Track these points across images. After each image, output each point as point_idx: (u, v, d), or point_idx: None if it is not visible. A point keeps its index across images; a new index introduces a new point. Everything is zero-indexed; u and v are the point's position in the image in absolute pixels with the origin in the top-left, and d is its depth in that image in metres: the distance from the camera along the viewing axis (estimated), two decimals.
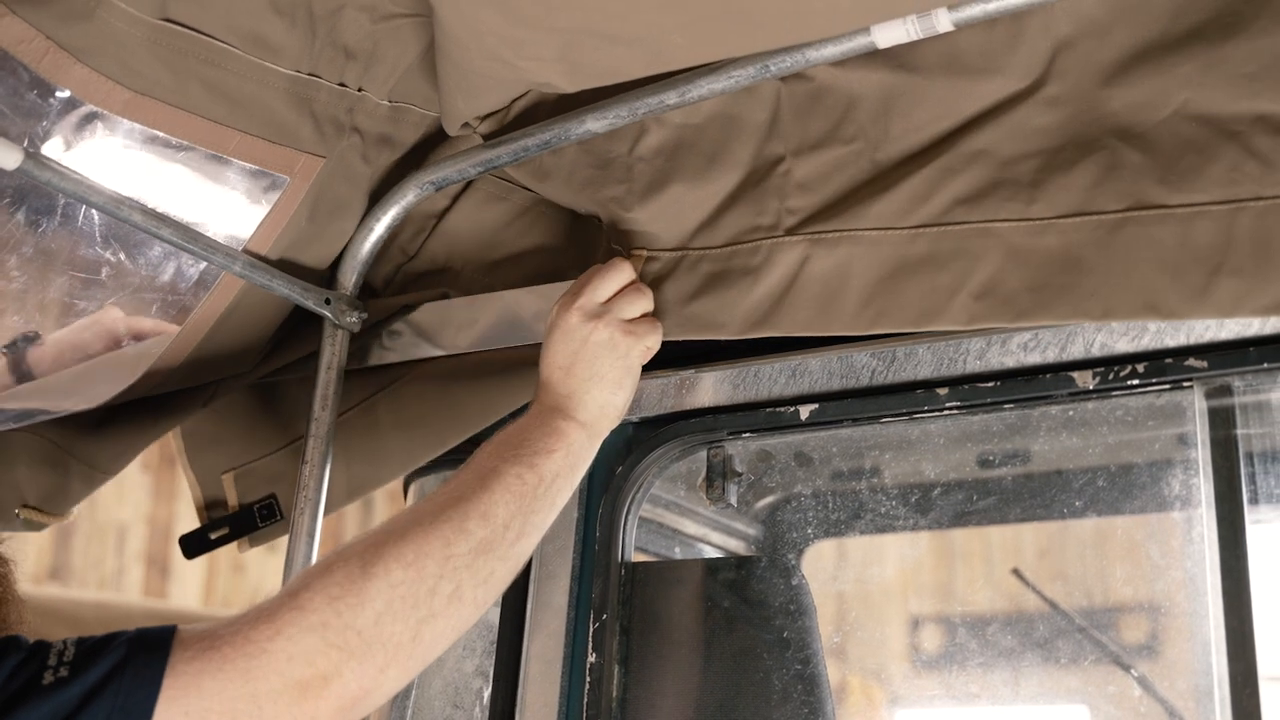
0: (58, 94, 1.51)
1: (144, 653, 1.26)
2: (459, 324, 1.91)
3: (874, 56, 1.60)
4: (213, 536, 2.10)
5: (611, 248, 1.78)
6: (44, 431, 2.05)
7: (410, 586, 1.35)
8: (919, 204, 1.57)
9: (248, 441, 2.10)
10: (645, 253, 1.73)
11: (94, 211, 1.64)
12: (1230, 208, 1.40)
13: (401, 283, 1.98)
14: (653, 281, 1.72)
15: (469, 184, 1.94)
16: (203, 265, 1.75)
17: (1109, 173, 1.47)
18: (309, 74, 1.64)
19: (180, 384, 1.94)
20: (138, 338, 1.83)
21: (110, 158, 1.59)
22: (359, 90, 1.69)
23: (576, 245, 1.94)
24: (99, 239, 1.68)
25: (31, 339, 1.81)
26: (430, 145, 1.85)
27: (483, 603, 1.43)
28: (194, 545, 2.12)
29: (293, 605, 1.31)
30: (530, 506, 1.48)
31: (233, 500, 2.10)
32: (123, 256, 1.72)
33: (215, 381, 2.00)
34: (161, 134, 1.58)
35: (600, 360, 1.58)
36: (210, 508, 2.13)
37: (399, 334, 1.95)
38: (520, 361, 1.86)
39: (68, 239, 1.67)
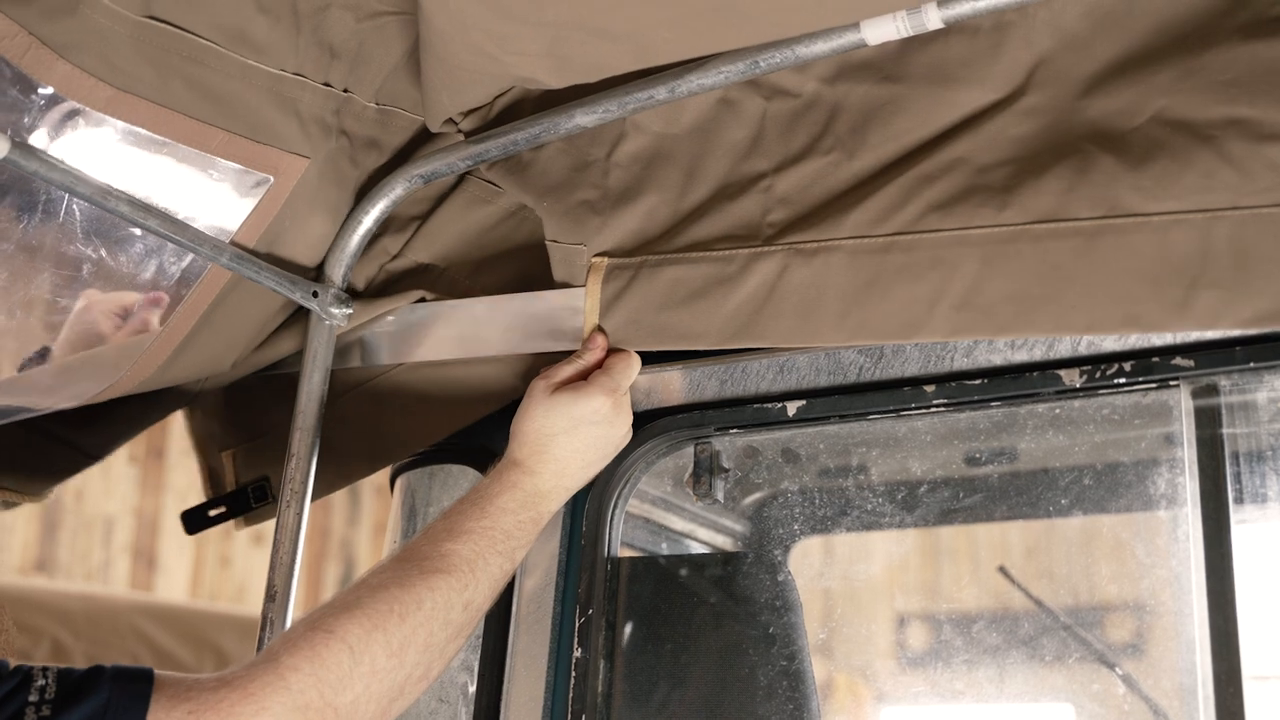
0: (40, 90, 1.50)
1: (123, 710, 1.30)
2: (434, 334, 1.91)
3: (863, 67, 1.60)
4: (211, 514, 2.15)
5: (569, 246, 1.76)
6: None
7: (392, 674, 1.45)
8: (893, 212, 1.56)
9: (248, 422, 2.12)
10: (607, 260, 1.73)
11: (76, 207, 1.63)
12: (1206, 216, 1.39)
13: (384, 282, 1.97)
14: (620, 289, 1.71)
15: (455, 186, 1.94)
16: (185, 262, 1.74)
17: (1082, 177, 1.46)
18: (294, 73, 1.63)
19: (164, 383, 1.93)
20: (133, 323, 1.82)
21: (94, 154, 1.58)
22: (345, 91, 1.69)
23: None
24: (81, 235, 1.68)
25: (43, 355, 1.82)
26: (417, 149, 1.84)
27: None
28: (194, 521, 2.17)
29: (280, 685, 1.37)
30: (498, 587, 1.59)
31: (230, 479, 2.13)
32: (104, 253, 1.71)
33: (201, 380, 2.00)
34: (144, 131, 1.58)
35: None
36: (212, 484, 2.16)
37: (374, 341, 1.95)
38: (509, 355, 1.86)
39: (50, 234, 1.66)
